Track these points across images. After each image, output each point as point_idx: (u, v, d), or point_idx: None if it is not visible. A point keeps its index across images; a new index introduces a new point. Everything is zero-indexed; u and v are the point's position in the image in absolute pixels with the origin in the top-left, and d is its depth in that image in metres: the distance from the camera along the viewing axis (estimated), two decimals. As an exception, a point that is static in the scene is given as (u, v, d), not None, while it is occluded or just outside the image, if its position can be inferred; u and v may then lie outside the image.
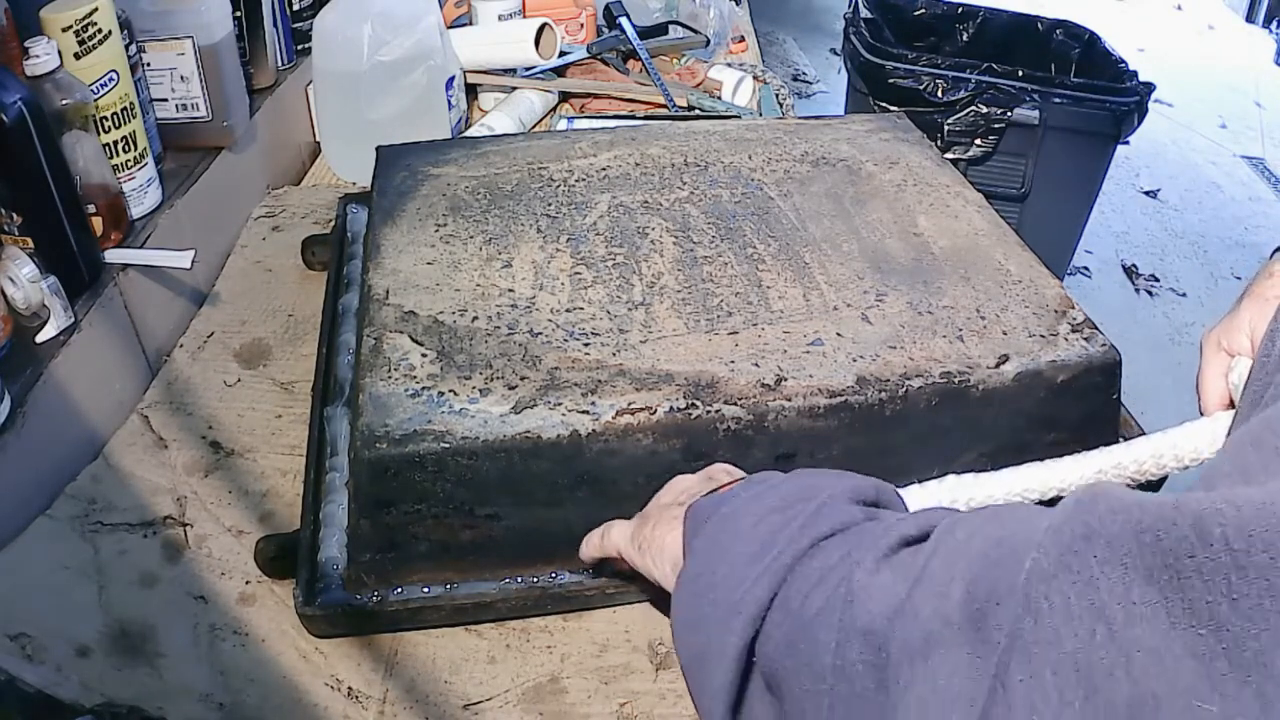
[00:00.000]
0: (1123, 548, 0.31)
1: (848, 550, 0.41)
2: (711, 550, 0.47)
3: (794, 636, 0.39)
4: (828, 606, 0.39)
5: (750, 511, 0.47)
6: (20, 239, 0.79)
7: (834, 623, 0.38)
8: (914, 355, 0.72)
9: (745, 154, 0.98)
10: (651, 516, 0.58)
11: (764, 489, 0.49)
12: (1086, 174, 2.24)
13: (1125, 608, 0.30)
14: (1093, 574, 0.31)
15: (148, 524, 0.76)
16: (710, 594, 0.44)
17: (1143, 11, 4.48)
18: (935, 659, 0.33)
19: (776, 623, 0.41)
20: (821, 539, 0.42)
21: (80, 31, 0.83)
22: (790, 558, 0.42)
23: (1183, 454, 0.66)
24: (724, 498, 0.50)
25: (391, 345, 0.72)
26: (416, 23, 1.18)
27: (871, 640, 0.36)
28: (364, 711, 0.64)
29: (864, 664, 0.36)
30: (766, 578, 0.42)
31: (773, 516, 0.45)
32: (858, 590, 0.37)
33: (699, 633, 0.45)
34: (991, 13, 2.51)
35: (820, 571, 0.40)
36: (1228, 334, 0.65)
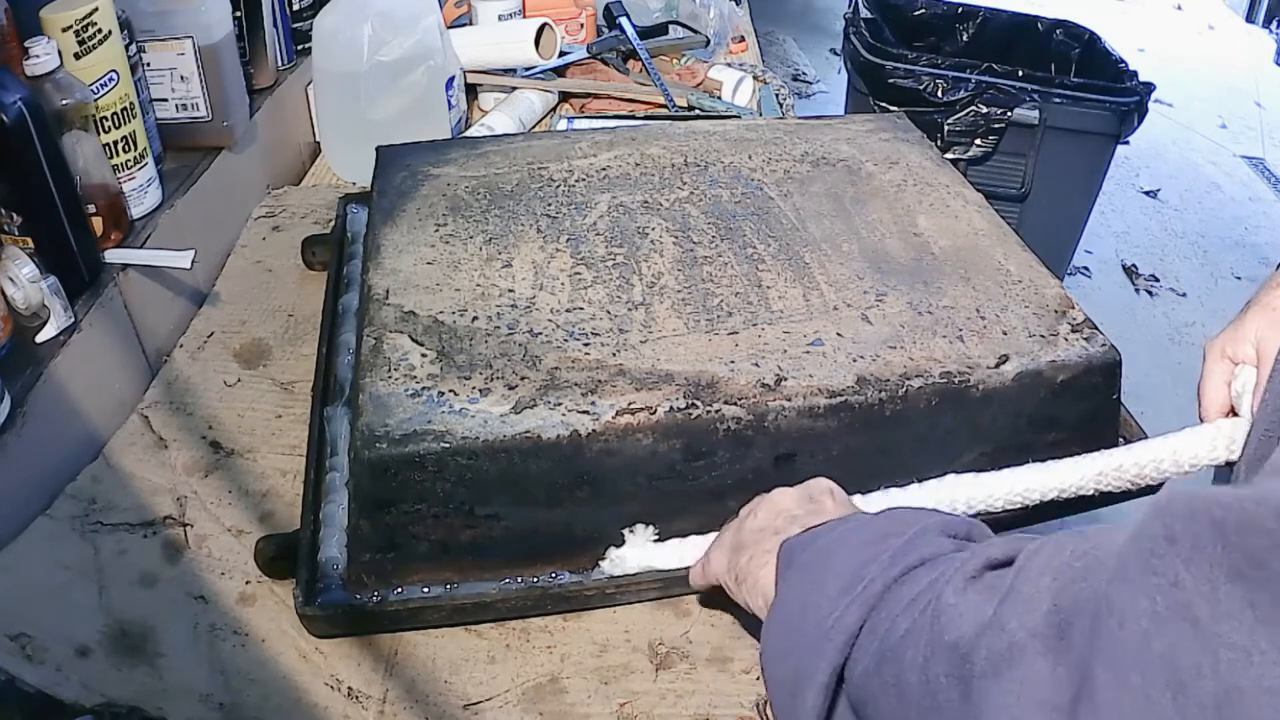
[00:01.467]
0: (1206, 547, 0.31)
1: (936, 576, 0.41)
2: (804, 582, 0.48)
3: (882, 658, 0.40)
4: (915, 628, 0.39)
5: (843, 545, 0.48)
6: (20, 239, 0.79)
7: (921, 642, 0.38)
8: (914, 355, 0.72)
9: (745, 154, 0.98)
10: (748, 546, 0.58)
11: (856, 524, 0.50)
12: (1086, 174, 2.24)
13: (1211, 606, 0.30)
14: (1178, 575, 0.31)
15: (148, 524, 0.76)
16: (802, 623, 0.45)
17: (1143, 11, 4.48)
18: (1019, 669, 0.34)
19: (865, 647, 0.42)
20: (911, 568, 0.43)
21: (80, 31, 0.83)
22: (881, 586, 0.43)
23: (1183, 459, 0.65)
24: (817, 533, 0.52)
25: (391, 345, 0.72)
26: (416, 23, 1.18)
27: (956, 654, 0.36)
28: (364, 711, 0.64)
29: (949, 677, 0.36)
30: (857, 605, 0.43)
31: (865, 549, 0.46)
32: (945, 609, 0.38)
33: (789, 660, 0.46)
34: (991, 13, 2.51)
35: (909, 597, 0.41)
36: (1232, 342, 0.65)
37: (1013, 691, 0.34)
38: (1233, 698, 0.29)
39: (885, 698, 0.40)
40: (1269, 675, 0.28)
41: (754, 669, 0.67)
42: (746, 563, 0.57)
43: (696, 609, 0.71)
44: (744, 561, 0.57)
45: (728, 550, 0.60)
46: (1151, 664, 0.30)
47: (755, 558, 0.56)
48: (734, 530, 0.61)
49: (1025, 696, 0.33)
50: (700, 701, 0.65)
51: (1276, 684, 0.28)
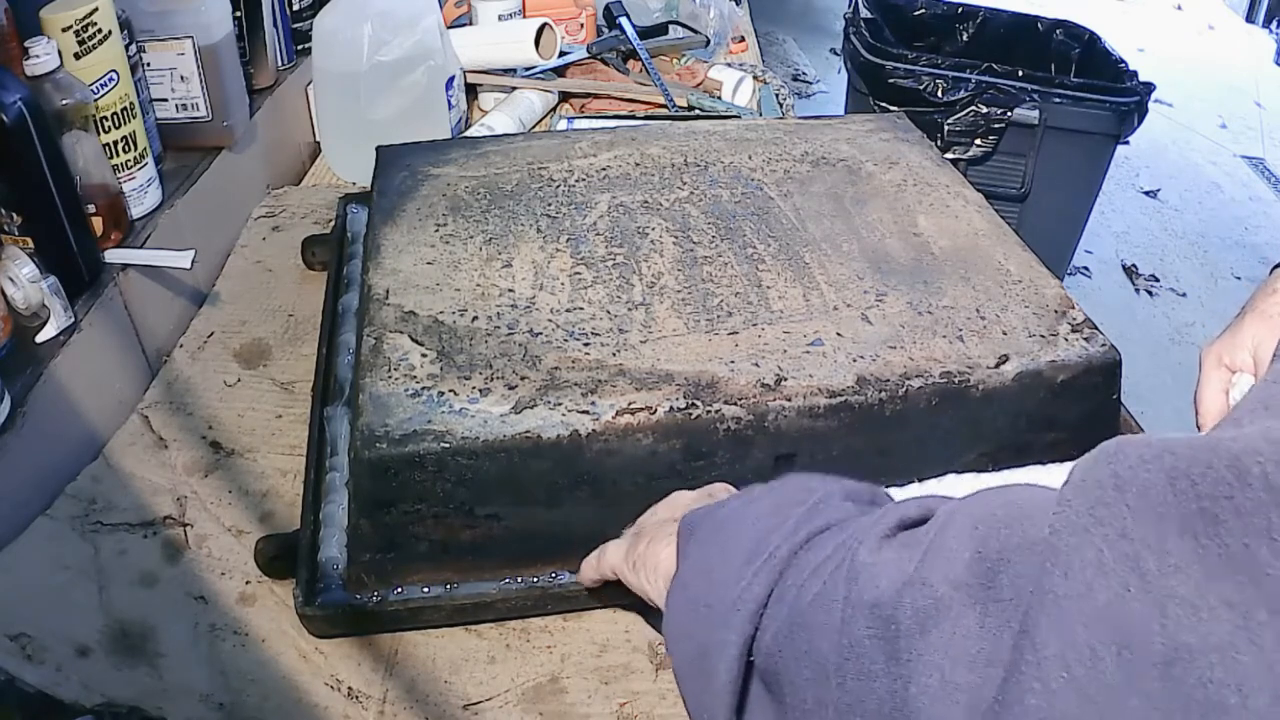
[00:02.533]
0: (1156, 495, 0.30)
1: (845, 538, 0.40)
2: (705, 556, 0.46)
3: (793, 625, 0.39)
4: (826, 591, 0.38)
5: (744, 515, 0.46)
6: (20, 239, 0.79)
7: (837, 604, 0.37)
8: (914, 355, 0.72)
9: (745, 154, 0.98)
10: (646, 533, 0.56)
11: (757, 495, 0.48)
12: (1086, 174, 2.24)
13: (1159, 558, 0.29)
14: (1125, 525, 0.30)
15: (148, 524, 0.76)
16: (706, 597, 0.44)
17: (1143, 11, 4.48)
18: (947, 623, 0.33)
19: (774, 615, 0.40)
20: (817, 533, 0.42)
21: (80, 31, 0.83)
22: (788, 551, 0.41)
23: None
24: (716, 506, 0.50)
25: (391, 345, 0.72)
26: (416, 23, 1.18)
27: (879, 613, 0.35)
28: (364, 711, 0.64)
29: (871, 638, 0.35)
30: (763, 574, 0.41)
31: (767, 518, 0.44)
32: (861, 569, 0.37)
33: (694, 638, 0.44)
34: (991, 13, 2.51)
35: (817, 561, 0.40)
36: (1229, 350, 0.64)
37: (941, 647, 0.32)
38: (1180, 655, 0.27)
39: (799, 666, 0.38)
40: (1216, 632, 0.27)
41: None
42: (645, 547, 0.55)
43: (696, 609, 0.71)
44: (642, 547, 0.55)
45: (625, 541, 0.59)
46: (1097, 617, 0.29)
47: (654, 540, 0.54)
48: (628, 533, 0.60)
49: (955, 651, 0.32)
50: (700, 701, 0.65)
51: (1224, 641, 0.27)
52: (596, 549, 0.63)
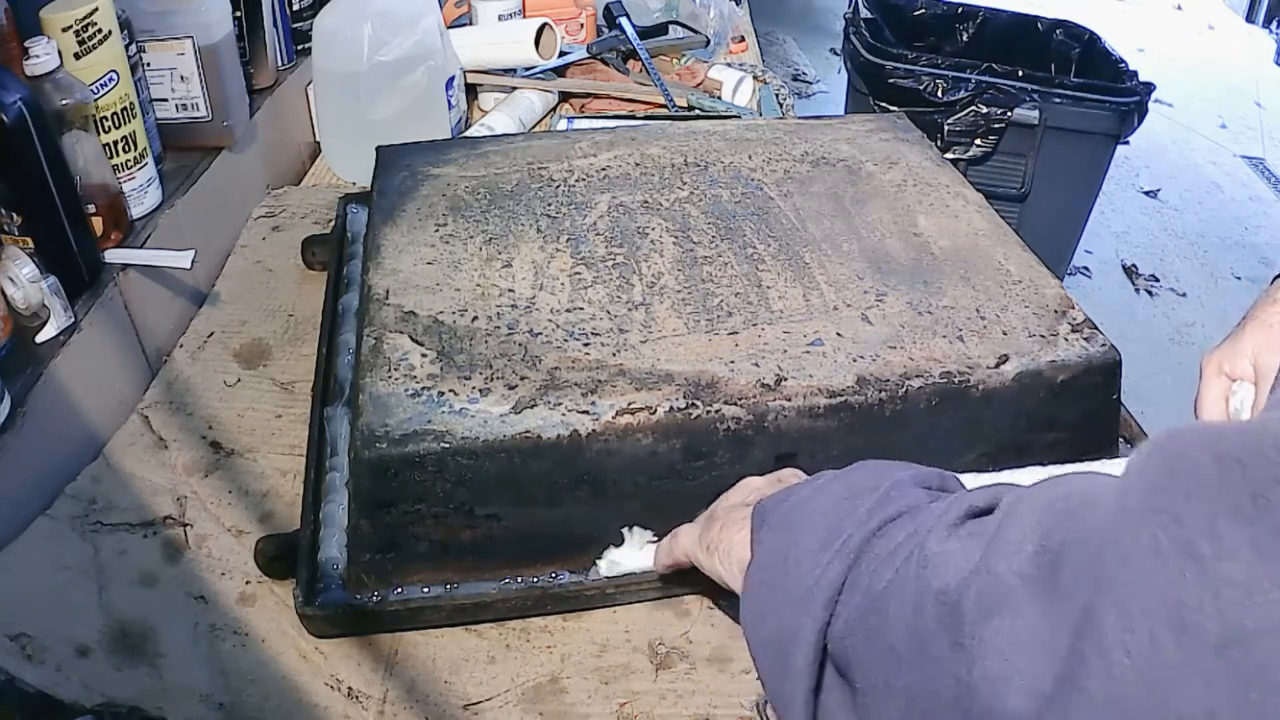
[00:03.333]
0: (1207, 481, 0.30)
1: (916, 526, 0.41)
2: (780, 542, 0.47)
3: (866, 612, 0.40)
4: (898, 578, 0.39)
5: (817, 502, 0.47)
6: (20, 239, 0.79)
7: (907, 592, 0.38)
8: (914, 355, 0.72)
9: (745, 154, 0.98)
10: (718, 518, 0.57)
11: (828, 481, 0.49)
12: (1086, 174, 2.24)
13: (1213, 542, 0.29)
14: (1179, 512, 0.30)
15: (148, 524, 0.76)
16: (782, 583, 0.45)
17: (1143, 11, 4.48)
18: (1009, 612, 0.33)
19: (848, 602, 0.41)
20: (889, 521, 0.43)
21: (80, 31, 0.83)
22: (860, 539, 0.42)
23: None
24: (790, 491, 0.51)
25: (391, 345, 0.72)
26: (416, 23, 1.18)
27: (944, 601, 0.36)
28: (364, 711, 0.64)
29: (937, 625, 0.36)
30: (838, 561, 0.42)
31: (840, 504, 0.45)
32: (930, 558, 0.38)
33: (771, 623, 0.45)
34: (991, 13, 2.51)
35: (889, 549, 0.41)
36: (1230, 358, 0.64)
37: (1004, 634, 0.33)
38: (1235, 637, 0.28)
39: (871, 652, 0.39)
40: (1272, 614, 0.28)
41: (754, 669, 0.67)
42: (718, 532, 0.56)
43: (696, 609, 0.71)
44: (715, 531, 0.56)
45: (698, 525, 0.59)
46: (1155, 602, 0.30)
47: (727, 525, 0.55)
48: (701, 518, 0.61)
49: (1018, 639, 0.33)
50: (700, 701, 0.65)
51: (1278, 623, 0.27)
52: (668, 534, 0.63)
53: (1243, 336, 0.63)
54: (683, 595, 0.72)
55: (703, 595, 0.72)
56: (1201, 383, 0.65)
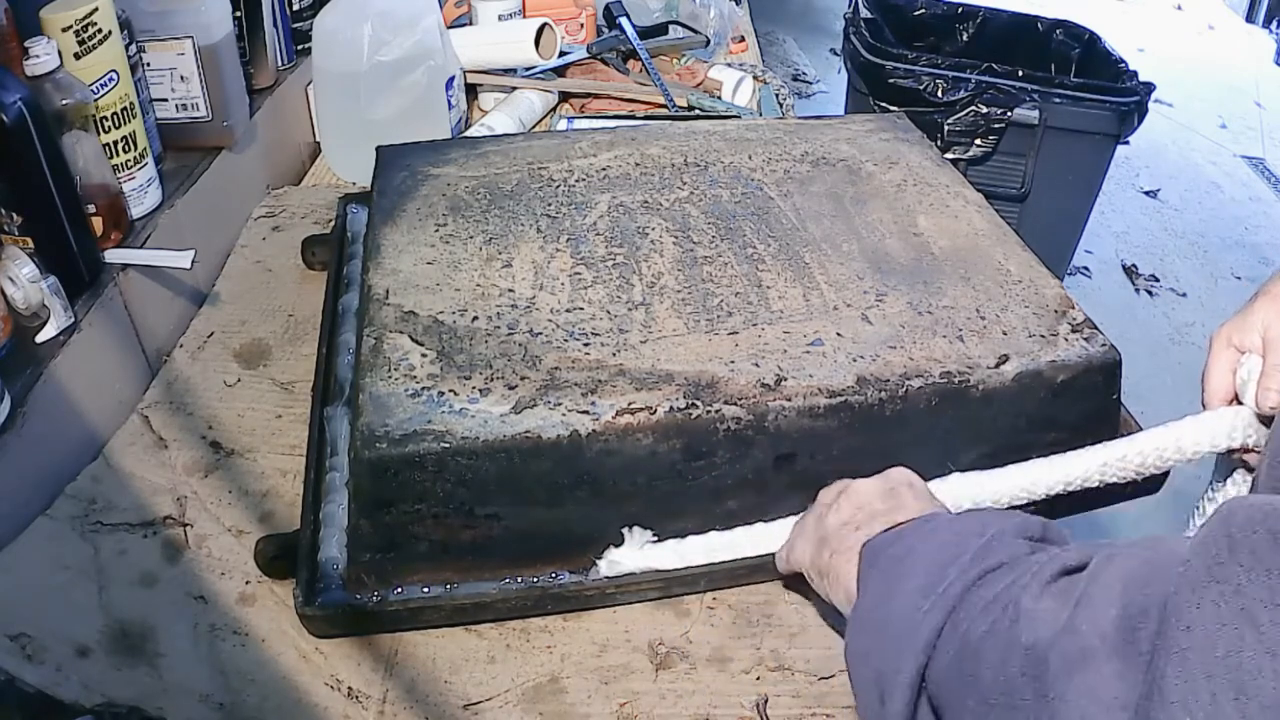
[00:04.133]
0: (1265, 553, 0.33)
1: (1013, 579, 0.43)
2: (885, 583, 0.50)
3: (963, 657, 0.42)
4: (994, 629, 0.41)
5: (923, 546, 0.50)
6: (20, 239, 0.79)
7: (1000, 643, 0.40)
8: (914, 355, 0.72)
9: (745, 154, 0.98)
10: (830, 542, 0.59)
11: (935, 525, 0.51)
12: (1086, 174, 2.24)
13: (1270, 611, 0.32)
14: (1239, 582, 0.33)
15: (148, 524, 0.76)
16: (885, 624, 0.47)
17: (1143, 11, 4.48)
18: (1091, 670, 0.36)
19: (946, 647, 0.44)
20: (989, 571, 0.45)
21: (80, 31, 0.83)
22: (961, 588, 0.45)
23: (1186, 447, 0.66)
24: (899, 534, 0.53)
25: (391, 345, 0.72)
26: (416, 23, 1.18)
27: (1032, 655, 0.39)
28: (364, 711, 0.64)
29: (1024, 676, 0.39)
30: (939, 607, 0.45)
31: (944, 551, 0.48)
32: (1023, 613, 0.40)
33: (872, 663, 0.48)
34: (991, 13, 2.51)
35: (988, 599, 0.43)
36: (1239, 331, 0.65)
37: (1085, 692, 0.36)
38: None
39: (964, 696, 0.42)
40: None
41: (754, 669, 0.67)
42: (829, 559, 0.58)
43: (696, 609, 0.71)
44: (827, 557, 0.58)
45: (812, 543, 0.61)
46: (1216, 666, 0.32)
47: (838, 554, 0.57)
48: (815, 521, 0.63)
49: (1096, 696, 0.35)
50: (700, 701, 0.65)
51: None
52: (786, 543, 0.66)
53: (1252, 310, 0.64)
54: (682, 595, 0.72)
55: (708, 593, 0.72)
56: (1210, 355, 0.66)
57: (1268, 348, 0.63)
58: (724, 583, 0.72)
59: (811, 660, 0.68)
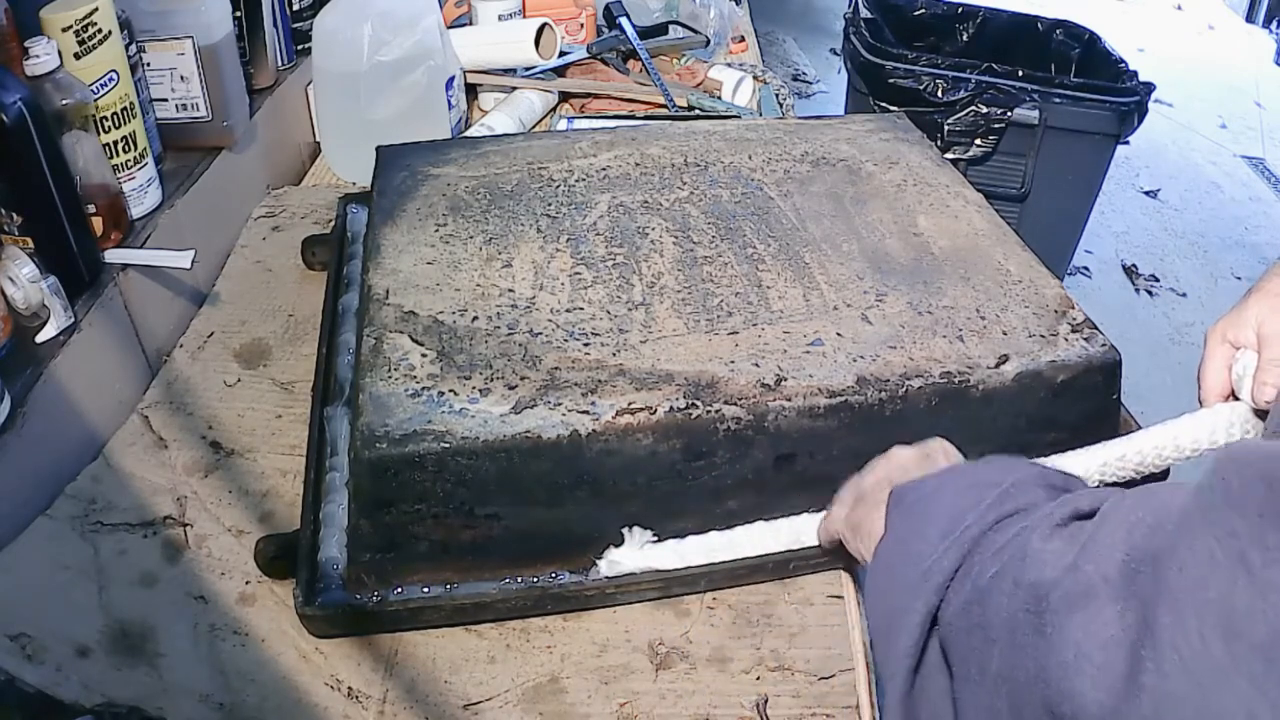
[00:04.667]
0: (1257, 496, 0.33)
1: (1026, 524, 0.44)
2: (906, 526, 0.51)
3: (971, 600, 0.43)
4: (1002, 571, 0.42)
5: (944, 492, 0.50)
6: (20, 239, 0.79)
7: (1007, 582, 0.41)
8: (914, 355, 0.72)
9: (745, 154, 0.98)
10: (866, 497, 0.60)
11: (959, 472, 0.53)
12: (1086, 174, 2.24)
13: (1262, 552, 0.32)
14: (1233, 525, 0.34)
15: (148, 524, 0.76)
16: (902, 564, 0.48)
17: (1143, 11, 4.47)
18: (1090, 608, 0.37)
19: (958, 589, 0.44)
20: (1005, 517, 0.46)
21: (80, 31, 0.83)
22: (977, 532, 0.45)
23: (1183, 445, 0.66)
24: (923, 481, 0.54)
25: (391, 345, 0.72)
26: (416, 23, 1.18)
27: (1035, 592, 0.40)
28: (364, 711, 0.64)
29: (1026, 613, 0.39)
30: (954, 550, 0.45)
31: (964, 496, 0.48)
32: (1030, 553, 0.41)
33: (888, 599, 0.48)
34: (991, 13, 2.51)
35: (1000, 544, 0.44)
36: (1234, 327, 0.65)
37: (1081, 627, 0.37)
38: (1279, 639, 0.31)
39: (971, 637, 0.42)
40: None
41: (754, 669, 0.67)
42: (862, 513, 0.58)
43: (696, 609, 0.71)
44: (860, 512, 0.59)
45: (847, 504, 0.62)
46: (1207, 608, 0.33)
47: (869, 507, 0.58)
48: (852, 485, 0.63)
49: (1092, 632, 0.36)
50: (700, 701, 0.65)
51: None
52: (825, 513, 0.66)
53: (1247, 306, 0.64)
54: (682, 595, 0.72)
55: (708, 593, 0.72)
56: (1205, 351, 0.66)
57: (1262, 343, 0.63)
58: (724, 583, 0.72)
59: (811, 660, 0.68)
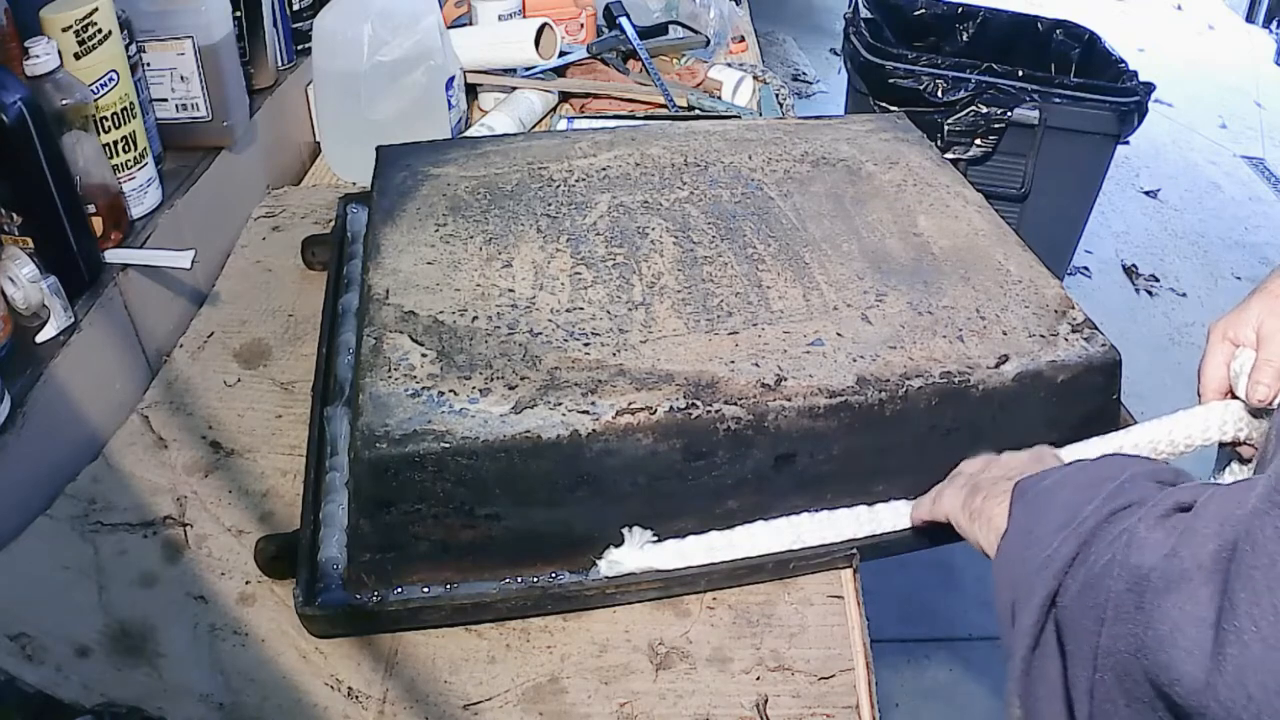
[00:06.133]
0: None
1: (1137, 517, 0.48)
2: (1030, 518, 0.55)
3: (1086, 585, 0.47)
4: (1114, 558, 0.46)
5: (1064, 487, 0.54)
6: (20, 239, 0.79)
7: (1115, 566, 0.46)
8: (914, 355, 0.72)
9: (745, 154, 0.98)
10: (983, 488, 0.62)
11: (1078, 470, 0.57)
12: (1086, 174, 2.24)
13: None
14: None
15: (148, 524, 0.76)
16: (1025, 553, 0.52)
17: (1143, 11, 4.47)
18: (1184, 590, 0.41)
19: (1075, 576, 0.48)
20: (1119, 510, 0.50)
21: (80, 31, 0.83)
22: (1094, 523, 0.49)
23: (1177, 440, 0.68)
24: (1044, 474, 0.57)
25: (391, 345, 0.72)
26: (416, 23, 1.18)
27: (1137, 575, 0.44)
28: (364, 711, 0.64)
29: (1129, 592, 0.44)
30: (1072, 540, 0.49)
31: (1082, 491, 0.52)
32: (1136, 540, 0.46)
33: (1010, 588, 0.52)
34: (991, 13, 2.51)
35: (1114, 534, 0.48)
36: (1234, 325, 0.67)
37: (1177, 606, 0.41)
38: None
39: (1084, 618, 0.46)
40: None
41: (754, 669, 0.67)
42: (981, 501, 0.61)
43: (696, 609, 0.71)
44: (979, 501, 0.62)
45: (963, 491, 0.64)
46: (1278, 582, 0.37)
47: (990, 497, 0.61)
48: (966, 477, 0.66)
49: (1186, 612, 0.41)
50: (700, 701, 0.65)
51: None
52: (930, 492, 0.68)
53: (1249, 305, 0.66)
54: (682, 595, 0.72)
55: (708, 593, 0.72)
56: (1206, 347, 0.68)
57: (1260, 342, 0.64)
58: (724, 583, 0.72)
59: (811, 660, 0.68)
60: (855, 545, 0.72)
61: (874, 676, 0.67)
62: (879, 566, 0.76)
